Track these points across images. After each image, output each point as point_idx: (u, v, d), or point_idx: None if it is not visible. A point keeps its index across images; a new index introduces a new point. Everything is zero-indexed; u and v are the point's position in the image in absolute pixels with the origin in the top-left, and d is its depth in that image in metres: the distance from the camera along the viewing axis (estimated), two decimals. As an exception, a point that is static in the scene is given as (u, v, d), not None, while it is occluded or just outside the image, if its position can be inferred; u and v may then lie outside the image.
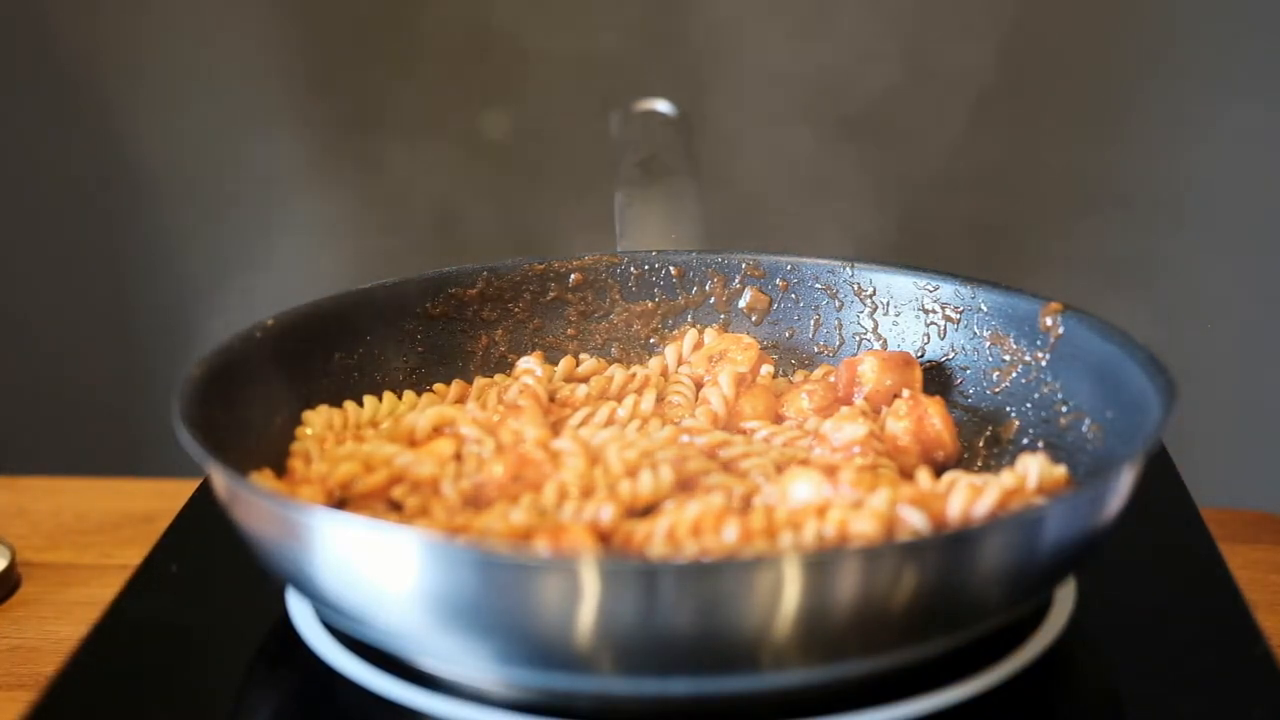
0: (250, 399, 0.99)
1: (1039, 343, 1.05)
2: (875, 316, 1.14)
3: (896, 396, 1.05)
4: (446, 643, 0.81)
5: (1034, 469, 0.92)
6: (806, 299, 1.16)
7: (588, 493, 0.92)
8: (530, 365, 1.10)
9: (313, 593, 0.86)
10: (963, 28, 1.70)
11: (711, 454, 0.98)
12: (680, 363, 1.13)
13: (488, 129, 1.77)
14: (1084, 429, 1.00)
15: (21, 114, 1.80)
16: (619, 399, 1.08)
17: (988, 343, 1.09)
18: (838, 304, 1.15)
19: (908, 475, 0.98)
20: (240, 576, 0.95)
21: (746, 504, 0.92)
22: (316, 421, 1.02)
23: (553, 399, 1.08)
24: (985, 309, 1.09)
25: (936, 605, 0.80)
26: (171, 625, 0.94)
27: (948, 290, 1.11)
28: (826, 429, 1.01)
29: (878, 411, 1.05)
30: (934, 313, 1.11)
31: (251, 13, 1.75)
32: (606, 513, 0.89)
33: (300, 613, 0.93)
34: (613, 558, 0.84)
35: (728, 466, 0.98)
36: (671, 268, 1.17)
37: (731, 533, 0.86)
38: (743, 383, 1.08)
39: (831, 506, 0.87)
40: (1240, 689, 0.87)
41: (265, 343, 1.02)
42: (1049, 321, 1.05)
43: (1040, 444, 1.03)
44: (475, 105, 1.76)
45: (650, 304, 1.17)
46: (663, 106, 1.38)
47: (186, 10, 1.76)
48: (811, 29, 1.71)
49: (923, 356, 1.11)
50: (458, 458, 0.96)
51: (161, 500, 1.28)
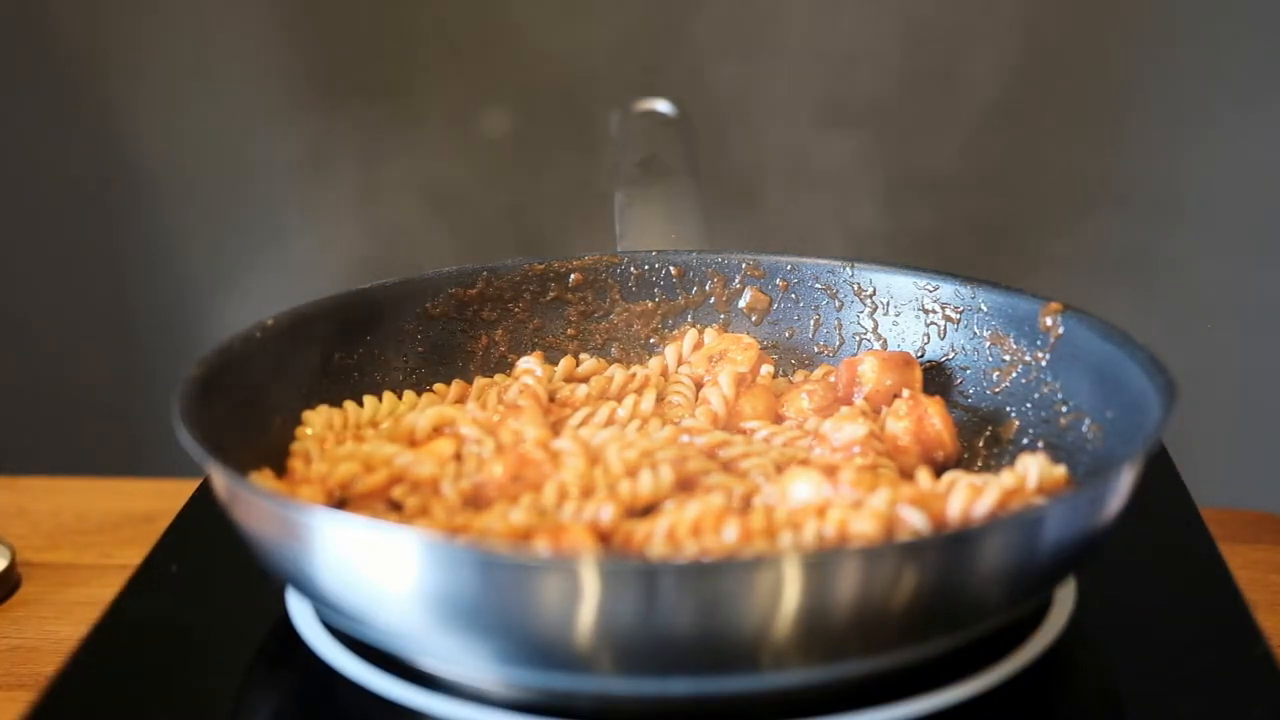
0: (250, 399, 0.99)
1: (1039, 343, 1.05)
2: (875, 316, 1.14)
3: (896, 396, 1.05)
4: (446, 643, 0.81)
5: (1034, 469, 0.92)
6: (806, 299, 1.16)
7: (588, 493, 0.92)
8: (530, 365, 1.10)
9: (313, 593, 0.86)
10: (963, 28, 1.70)
11: (711, 454, 0.98)
12: (680, 363, 1.13)
13: (488, 128, 1.77)
14: (1084, 429, 1.00)
15: (21, 114, 1.80)
16: (619, 399, 1.08)
17: (988, 343, 1.09)
18: (838, 304, 1.15)
19: (908, 475, 0.98)
20: (240, 576, 0.95)
21: (746, 504, 0.92)
22: (316, 421, 1.02)
23: (553, 399, 1.08)
24: (985, 309, 1.09)
25: (936, 605, 0.80)
26: (171, 625, 0.94)
27: (948, 290, 1.11)
28: (826, 429, 1.01)
29: (878, 411, 1.05)
30: (934, 313, 1.11)
31: (251, 13, 1.75)
32: (606, 513, 0.89)
33: (300, 613, 0.93)
34: (613, 558, 0.84)
35: (728, 466, 0.98)
36: (671, 268, 1.17)
37: (731, 533, 0.86)
38: (743, 383, 1.08)
39: (831, 506, 0.87)
40: (1240, 689, 0.87)
41: (265, 343, 1.02)
42: (1049, 321, 1.05)
43: (1040, 444, 1.03)
44: (475, 105, 1.76)
45: (650, 304, 1.17)
46: (663, 106, 1.38)
47: (186, 10, 1.76)
48: (811, 29, 1.71)
49: (923, 356, 1.11)
50: (458, 458, 0.96)
51: (161, 500, 1.28)
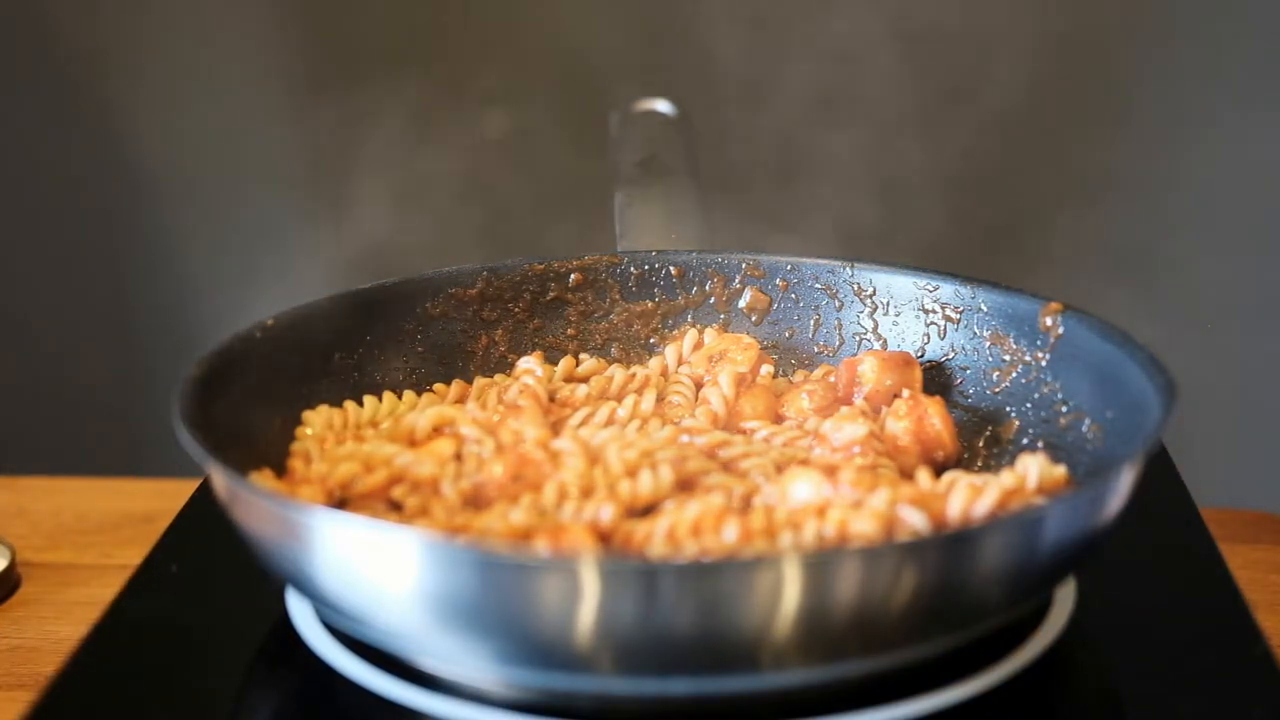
0: (250, 399, 0.99)
1: (1039, 343, 1.05)
2: (875, 316, 1.14)
3: (896, 396, 1.05)
4: (446, 643, 0.81)
5: (1034, 469, 0.92)
6: (806, 299, 1.16)
7: (588, 493, 0.92)
8: (530, 365, 1.10)
9: (313, 593, 0.86)
10: (965, 29, 1.70)
11: (711, 454, 0.98)
12: (680, 363, 1.13)
13: (488, 129, 1.77)
14: (1084, 429, 1.00)
15: (21, 114, 1.80)
16: (619, 399, 1.08)
17: (988, 343, 1.09)
18: (838, 304, 1.15)
19: (908, 475, 0.98)
20: (240, 576, 0.95)
21: (746, 504, 0.92)
22: (316, 421, 1.01)
23: (553, 399, 1.08)
24: (985, 309, 1.09)
25: (936, 605, 0.80)
26: (171, 625, 0.94)
27: (948, 290, 1.11)
28: (826, 429, 1.01)
29: (878, 411, 1.05)
30: (934, 313, 1.11)
31: (251, 13, 1.75)
32: (606, 513, 0.89)
33: (300, 613, 0.93)
34: (613, 558, 0.84)
35: (728, 466, 0.98)
36: (671, 268, 1.17)
37: (731, 533, 0.86)
38: (743, 383, 1.08)
39: (831, 506, 0.87)
40: (1240, 689, 0.87)
41: (265, 343, 1.02)
42: (1049, 321, 1.05)
43: (1040, 444, 1.03)
44: (475, 105, 1.76)
45: (650, 304, 1.17)
46: (663, 106, 1.38)
47: (186, 10, 1.76)
48: (811, 30, 1.71)
49: (923, 356, 1.11)
50: (458, 458, 0.96)
51: (161, 500, 1.28)
